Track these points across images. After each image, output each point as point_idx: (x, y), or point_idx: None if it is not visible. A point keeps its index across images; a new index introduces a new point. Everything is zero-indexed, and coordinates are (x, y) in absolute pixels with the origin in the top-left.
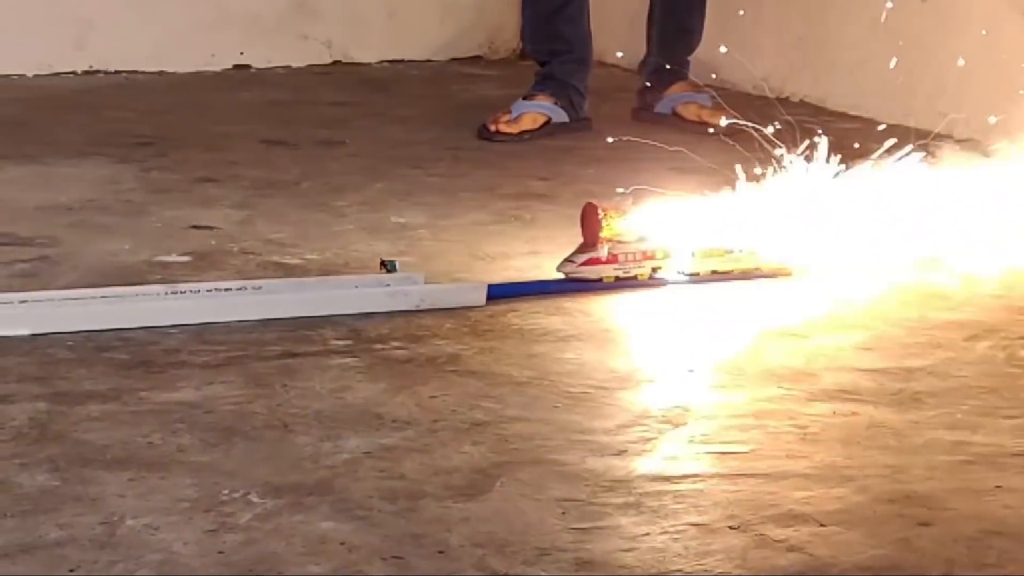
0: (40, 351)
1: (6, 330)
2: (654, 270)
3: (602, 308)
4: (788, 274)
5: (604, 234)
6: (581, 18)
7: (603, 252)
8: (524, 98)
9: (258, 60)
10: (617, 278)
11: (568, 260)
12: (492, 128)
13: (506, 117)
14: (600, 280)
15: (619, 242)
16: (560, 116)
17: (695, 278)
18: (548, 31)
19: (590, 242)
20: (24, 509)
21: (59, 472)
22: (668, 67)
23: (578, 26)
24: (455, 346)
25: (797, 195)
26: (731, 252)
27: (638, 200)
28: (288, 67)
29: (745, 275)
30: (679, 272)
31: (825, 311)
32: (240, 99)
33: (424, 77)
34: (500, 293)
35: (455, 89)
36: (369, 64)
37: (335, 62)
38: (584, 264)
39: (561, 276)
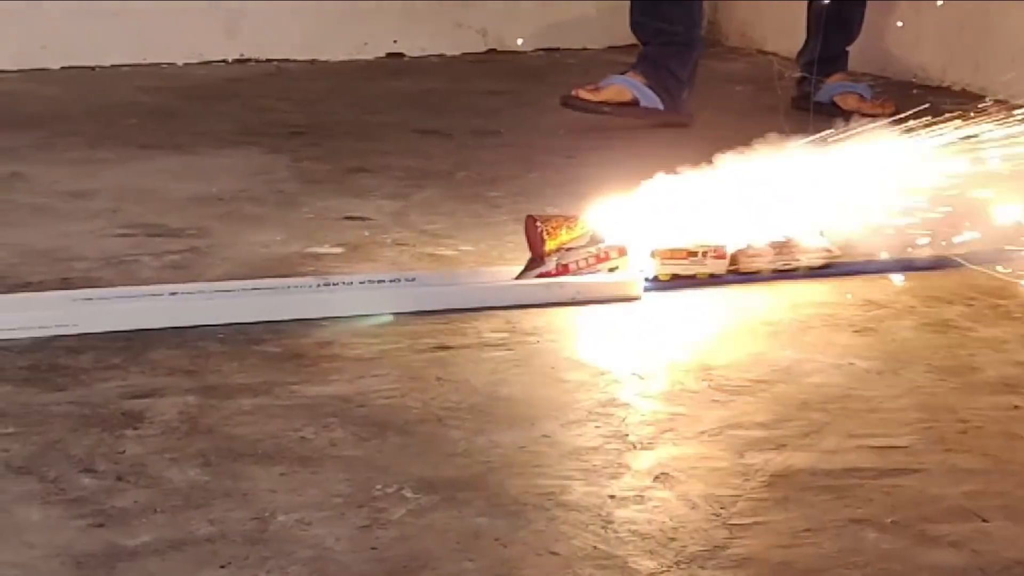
0: (190, 344)
1: (156, 323)
2: (611, 270)
3: (762, 300)
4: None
5: (548, 246)
6: (691, 1)
7: (551, 265)
8: (619, 73)
9: (412, 48)
10: (776, 270)
11: (519, 278)
12: (573, 93)
13: (591, 85)
14: (758, 272)
15: (567, 250)
16: (650, 100)
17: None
18: (653, 10)
19: (536, 256)
20: (174, 504)
21: (210, 467)
22: (826, 57)
23: (686, 9)
24: (607, 338)
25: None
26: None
27: (587, 205)
28: (442, 55)
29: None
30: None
31: (986, 303)
32: (393, 88)
33: (579, 66)
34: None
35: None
36: (524, 52)
37: (490, 50)
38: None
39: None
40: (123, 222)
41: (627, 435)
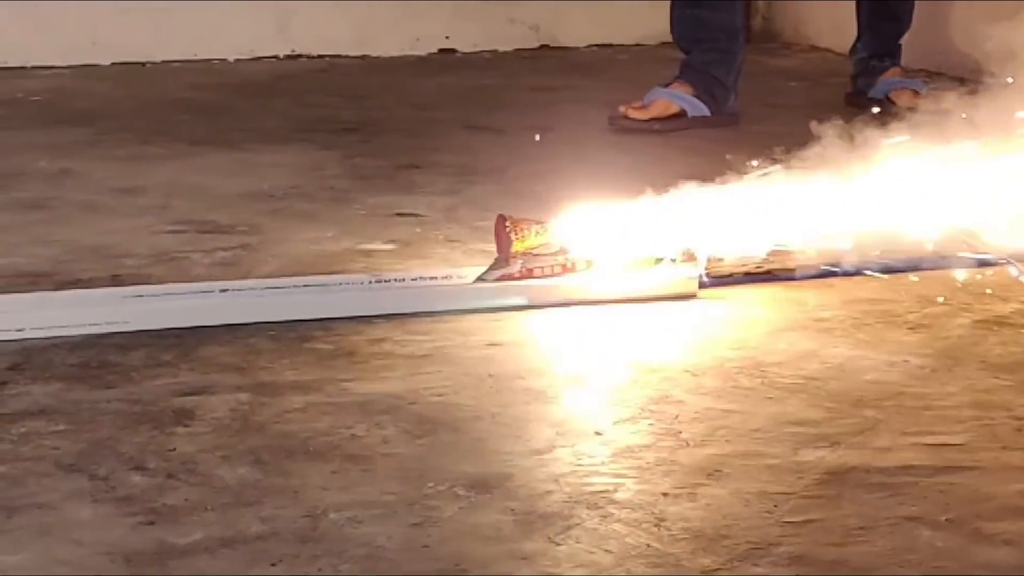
0: (241, 341)
1: (206, 320)
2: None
3: (817, 298)
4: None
5: (515, 248)
6: (730, 6)
7: (515, 267)
8: (661, 85)
9: (464, 44)
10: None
11: (480, 279)
12: (621, 112)
13: (637, 103)
14: (794, 270)
15: (535, 255)
16: (698, 109)
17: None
18: (692, 18)
19: (502, 257)
20: (225, 502)
21: (260, 464)
22: (879, 52)
23: (725, 14)
24: (659, 335)
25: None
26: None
27: (558, 211)
28: (494, 51)
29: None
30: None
31: None
32: (445, 84)
33: (632, 61)
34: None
35: (665, 74)
36: (577, 48)
37: (542, 46)
38: (498, 281)
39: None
40: (173, 219)
41: (680, 432)
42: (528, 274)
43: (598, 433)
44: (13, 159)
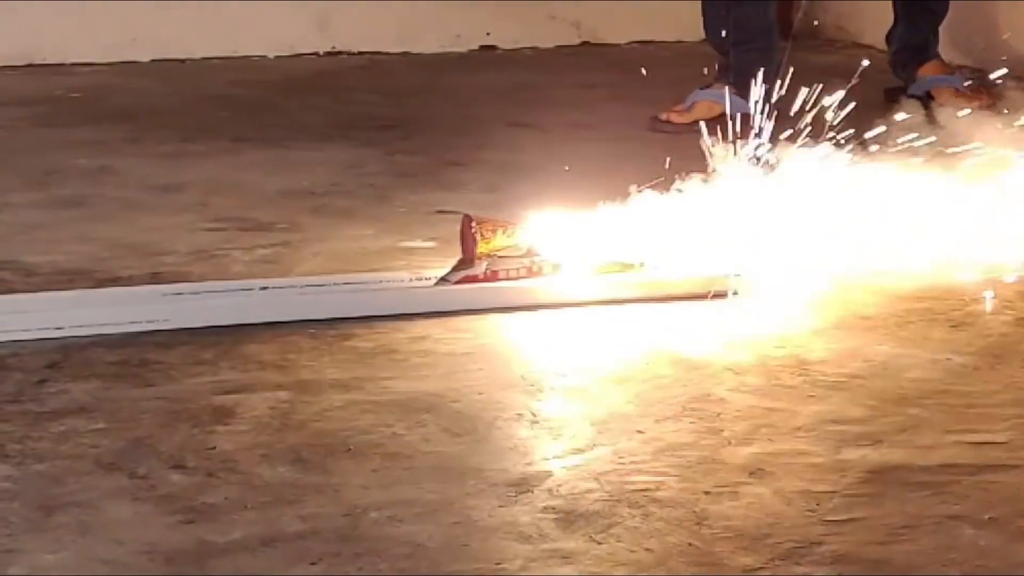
0: (281, 339)
1: (247, 318)
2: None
3: (860, 295)
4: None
5: (480, 249)
6: (762, 4)
7: (480, 269)
8: (702, 88)
9: (505, 41)
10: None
11: (443, 279)
12: (663, 117)
13: (680, 106)
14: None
15: (500, 257)
16: (741, 107)
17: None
18: (726, 19)
19: (467, 258)
20: (265, 500)
21: (301, 463)
22: (915, 43)
23: (758, 13)
24: (700, 334)
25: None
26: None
27: (525, 214)
28: (535, 48)
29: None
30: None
31: None
32: (486, 81)
33: (674, 58)
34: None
35: (707, 72)
36: (618, 45)
37: (583, 43)
38: (460, 282)
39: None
40: (213, 216)
41: (722, 431)
42: (493, 276)
43: (640, 431)
44: (53, 156)
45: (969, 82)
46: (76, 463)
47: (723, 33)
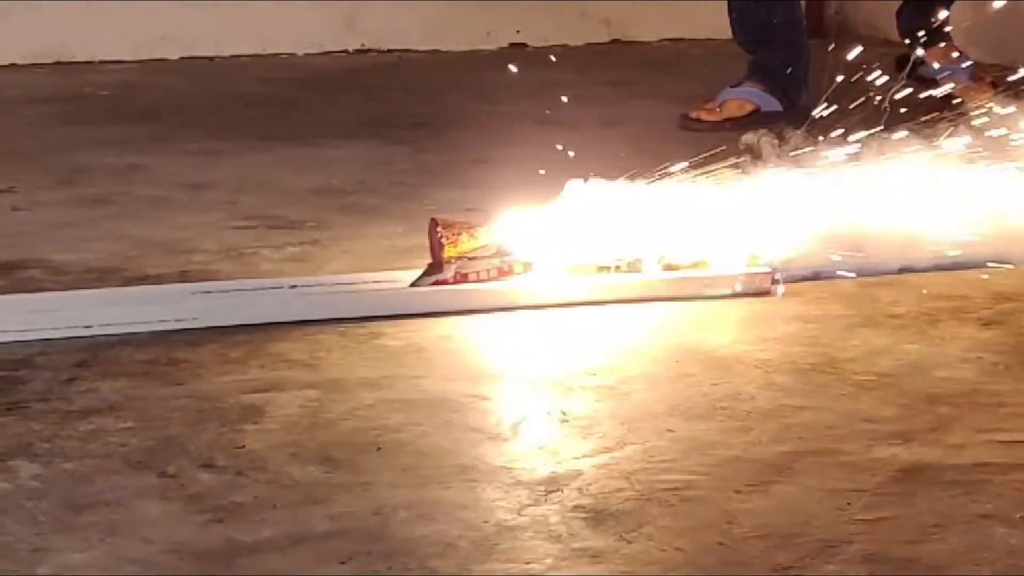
0: (311, 337)
1: (276, 316)
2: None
3: (890, 294)
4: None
5: (447, 253)
6: (790, 3)
7: (449, 272)
8: (732, 86)
9: (535, 39)
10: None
11: (415, 284)
12: (693, 115)
13: (710, 104)
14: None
15: (469, 259)
16: (771, 105)
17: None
18: (754, 18)
19: (435, 263)
20: (294, 500)
21: (330, 462)
22: (922, 27)
23: (786, 11)
24: (730, 332)
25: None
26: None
27: (491, 214)
28: (565, 46)
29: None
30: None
31: None
32: (516, 79)
33: (704, 56)
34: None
35: (738, 69)
36: (648, 43)
37: (614, 40)
38: (432, 286)
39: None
40: (242, 214)
41: (752, 429)
42: (462, 279)
43: (669, 430)
44: (81, 154)
45: (976, 76)
46: (105, 462)
47: (751, 31)
